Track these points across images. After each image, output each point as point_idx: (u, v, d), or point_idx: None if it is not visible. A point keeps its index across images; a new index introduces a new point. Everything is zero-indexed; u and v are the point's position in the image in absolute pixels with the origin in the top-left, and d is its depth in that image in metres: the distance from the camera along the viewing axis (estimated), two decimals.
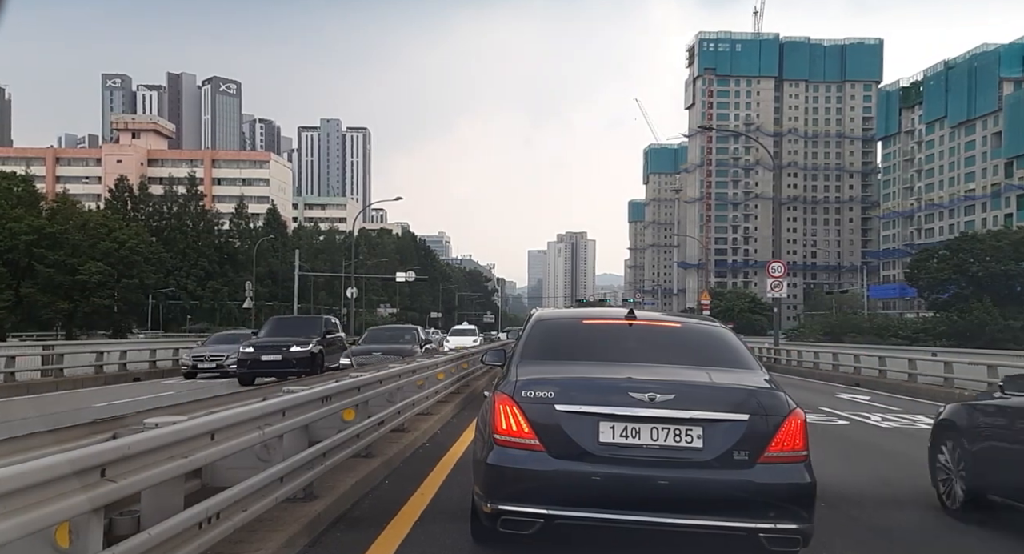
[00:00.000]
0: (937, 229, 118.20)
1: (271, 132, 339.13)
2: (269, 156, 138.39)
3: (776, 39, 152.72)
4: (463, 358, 14.89)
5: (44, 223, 51.18)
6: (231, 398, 5.05)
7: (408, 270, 70.32)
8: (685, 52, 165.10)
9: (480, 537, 4.54)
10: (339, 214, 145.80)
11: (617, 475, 3.74)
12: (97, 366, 20.03)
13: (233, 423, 3.91)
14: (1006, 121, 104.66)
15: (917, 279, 74.12)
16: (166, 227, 72.81)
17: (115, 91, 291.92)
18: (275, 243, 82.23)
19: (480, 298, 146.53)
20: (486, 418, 4.20)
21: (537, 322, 5.07)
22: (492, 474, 3.92)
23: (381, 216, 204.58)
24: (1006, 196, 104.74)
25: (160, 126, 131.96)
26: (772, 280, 29.73)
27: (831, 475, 7.00)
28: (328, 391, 5.66)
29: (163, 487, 3.23)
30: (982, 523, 5.68)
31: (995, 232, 75.77)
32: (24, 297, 49.70)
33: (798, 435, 3.86)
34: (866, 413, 13.48)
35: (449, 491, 6.19)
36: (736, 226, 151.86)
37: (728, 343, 4.79)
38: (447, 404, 11.84)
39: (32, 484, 2.38)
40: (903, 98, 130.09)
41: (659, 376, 4.06)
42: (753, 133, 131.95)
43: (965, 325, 62.73)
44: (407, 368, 9.24)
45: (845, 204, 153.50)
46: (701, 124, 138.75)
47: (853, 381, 21.84)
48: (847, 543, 4.95)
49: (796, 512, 3.74)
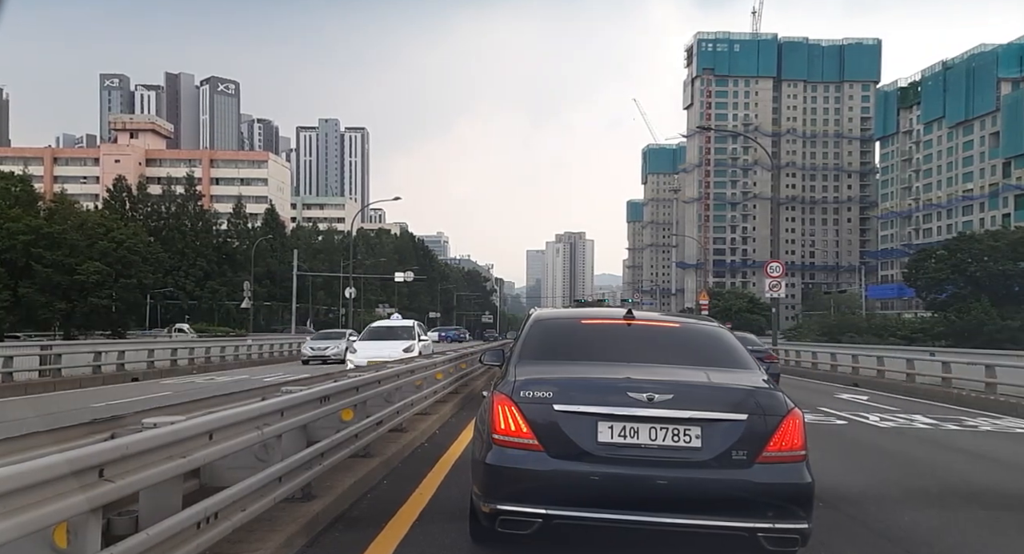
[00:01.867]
0: (935, 229, 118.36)
1: (269, 132, 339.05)
2: (267, 156, 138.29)
3: (775, 39, 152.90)
4: (462, 358, 14.87)
5: (42, 223, 51.12)
6: (230, 398, 5.04)
7: (406, 270, 70.35)
8: (684, 52, 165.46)
9: (479, 537, 4.54)
10: (337, 214, 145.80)
11: (616, 475, 3.74)
12: (95, 366, 20.01)
13: (231, 423, 3.91)
14: (1004, 121, 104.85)
15: (915, 279, 74.19)
16: (164, 227, 72.78)
17: (113, 91, 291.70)
18: (273, 243, 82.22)
19: (479, 298, 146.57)
20: (485, 418, 4.20)
21: (535, 322, 5.07)
22: (491, 474, 3.91)
23: (380, 216, 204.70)
24: (1004, 196, 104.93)
25: (158, 126, 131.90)
26: (770, 280, 29.74)
27: (830, 475, 7.01)
28: (326, 391, 5.65)
29: (161, 487, 3.23)
30: (982, 523, 5.69)
31: (993, 232, 75.85)
32: (22, 297, 49.61)
33: (796, 435, 3.86)
34: (864, 413, 13.48)
35: (448, 491, 6.19)
36: (734, 226, 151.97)
37: (726, 343, 4.80)
38: (445, 404, 11.84)
39: (30, 484, 2.38)
40: (901, 98, 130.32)
41: (657, 376, 4.06)
42: (751, 133, 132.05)
43: (963, 325, 62.80)
44: (406, 368, 9.24)
45: (843, 204, 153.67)
46: (700, 124, 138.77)
47: (851, 381, 21.86)
48: (846, 543, 4.95)
49: (795, 512, 3.74)
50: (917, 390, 18.24)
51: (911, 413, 13.67)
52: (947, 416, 13.41)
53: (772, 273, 30.05)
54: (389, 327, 22.18)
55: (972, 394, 16.34)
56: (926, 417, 13.07)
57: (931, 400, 16.82)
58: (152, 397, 15.38)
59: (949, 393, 17.02)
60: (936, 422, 12.38)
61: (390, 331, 21.44)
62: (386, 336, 20.67)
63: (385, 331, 21.51)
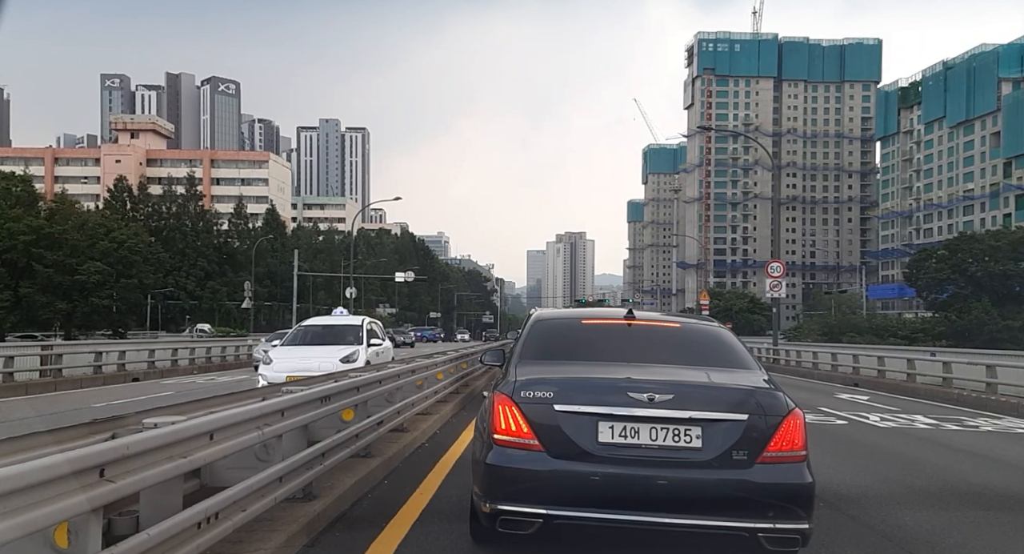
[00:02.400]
0: (936, 229, 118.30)
1: (270, 132, 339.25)
2: (268, 156, 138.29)
3: (775, 39, 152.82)
4: (462, 358, 14.87)
5: (43, 223, 51.07)
6: (230, 398, 5.04)
7: (407, 270, 70.35)
8: (684, 52, 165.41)
9: (479, 537, 4.55)
10: (338, 214, 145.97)
11: (616, 475, 3.74)
12: (96, 366, 20.02)
13: (232, 423, 3.91)
14: (1005, 121, 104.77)
15: (916, 279, 74.13)
16: (165, 227, 72.80)
17: (114, 91, 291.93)
18: (274, 243, 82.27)
19: (479, 298, 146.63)
20: (485, 418, 4.20)
21: (536, 322, 5.07)
22: (491, 474, 3.91)
23: (380, 216, 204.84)
24: (1005, 196, 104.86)
25: (159, 126, 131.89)
26: (771, 280, 29.74)
27: (830, 475, 7.02)
28: (327, 391, 5.65)
29: (162, 487, 3.23)
30: (982, 523, 5.68)
31: (994, 232, 75.79)
32: (23, 297, 49.61)
33: (797, 435, 3.86)
34: (865, 413, 13.49)
35: (448, 491, 6.19)
36: (735, 226, 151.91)
37: (727, 343, 4.80)
38: (446, 404, 11.85)
39: (31, 484, 2.38)
40: (902, 98, 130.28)
41: (658, 376, 4.06)
42: (752, 133, 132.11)
43: (964, 325, 62.80)
44: (406, 368, 9.24)
45: (844, 204, 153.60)
46: (700, 124, 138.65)
47: (852, 381, 21.86)
48: (846, 543, 4.95)
49: (795, 512, 3.74)
50: (918, 390, 18.24)
51: (912, 413, 13.67)
52: (948, 416, 13.41)
53: (773, 273, 30.05)
54: (327, 326, 15.93)
55: (973, 394, 16.35)
56: (927, 417, 13.07)
57: (932, 400, 16.82)
58: (153, 397, 15.40)
59: (950, 393, 17.02)
60: (937, 422, 12.39)
61: (327, 332, 15.33)
62: (320, 339, 14.82)
63: (320, 332, 15.40)
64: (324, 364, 12.05)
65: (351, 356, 13.59)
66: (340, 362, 12.92)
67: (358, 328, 15.22)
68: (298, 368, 12.03)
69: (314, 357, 13.02)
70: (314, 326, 16.14)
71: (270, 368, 13.05)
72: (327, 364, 12.09)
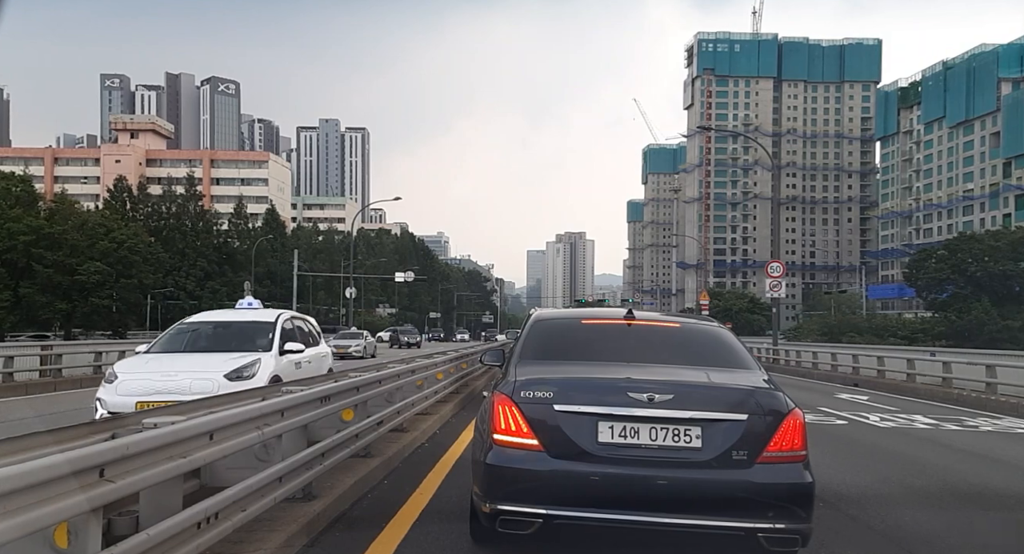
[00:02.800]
0: (935, 229, 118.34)
1: (270, 132, 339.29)
2: (268, 156, 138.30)
3: (775, 39, 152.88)
4: (462, 358, 14.87)
5: (43, 223, 51.09)
6: (230, 398, 5.05)
7: (407, 270, 70.40)
8: (684, 52, 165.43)
9: (479, 537, 4.55)
10: (338, 214, 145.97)
11: (616, 475, 3.74)
12: (96, 366, 20.00)
13: (232, 423, 3.91)
14: (1004, 121, 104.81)
15: (915, 279, 74.17)
16: (165, 227, 72.73)
17: (114, 91, 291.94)
18: (274, 243, 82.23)
19: (479, 298, 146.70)
20: (485, 418, 4.20)
21: (536, 322, 5.07)
22: (491, 474, 3.91)
23: (380, 216, 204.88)
24: (1004, 196, 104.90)
25: (159, 126, 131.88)
26: (771, 280, 29.74)
27: (830, 475, 7.02)
28: (327, 391, 5.66)
29: (162, 487, 3.23)
30: (982, 523, 5.68)
31: (993, 232, 75.84)
32: (23, 297, 49.64)
33: (797, 435, 3.86)
34: (864, 413, 13.49)
35: (448, 491, 6.19)
36: (735, 226, 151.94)
37: (727, 343, 4.80)
38: (446, 404, 11.84)
39: (31, 484, 2.38)
40: (901, 98, 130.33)
41: (658, 376, 4.06)
42: (752, 133, 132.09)
43: (963, 325, 62.83)
44: (406, 368, 9.24)
45: (844, 204, 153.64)
46: (700, 124, 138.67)
47: (852, 381, 21.87)
48: (846, 543, 4.95)
49: (795, 512, 3.74)
50: (917, 390, 18.24)
51: (911, 413, 13.67)
52: (947, 416, 13.41)
53: (773, 273, 30.05)
54: (222, 324, 10.58)
55: (972, 394, 16.35)
56: (926, 417, 13.08)
57: (931, 400, 16.82)
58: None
59: (949, 393, 17.02)
60: (936, 422, 12.39)
61: (222, 333, 10.26)
62: (209, 344, 9.96)
63: (211, 334, 10.29)
64: (199, 383, 8.22)
65: (245, 370, 8.83)
66: (225, 379, 8.48)
67: (268, 327, 10.11)
68: (157, 389, 8.15)
69: (185, 372, 8.59)
70: (203, 324, 10.62)
71: (112, 389, 8.40)
72: (205, 384, 8.19)
